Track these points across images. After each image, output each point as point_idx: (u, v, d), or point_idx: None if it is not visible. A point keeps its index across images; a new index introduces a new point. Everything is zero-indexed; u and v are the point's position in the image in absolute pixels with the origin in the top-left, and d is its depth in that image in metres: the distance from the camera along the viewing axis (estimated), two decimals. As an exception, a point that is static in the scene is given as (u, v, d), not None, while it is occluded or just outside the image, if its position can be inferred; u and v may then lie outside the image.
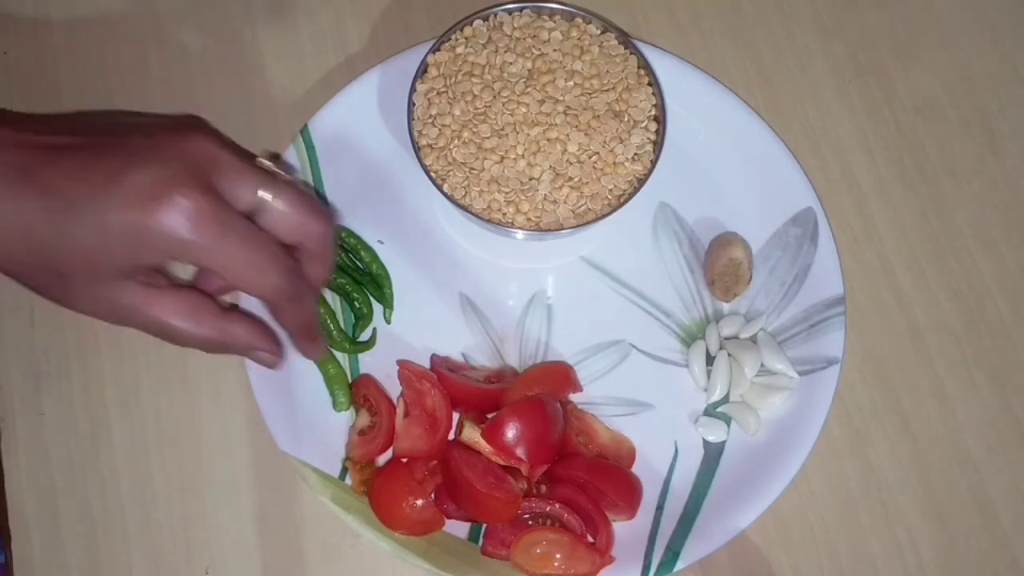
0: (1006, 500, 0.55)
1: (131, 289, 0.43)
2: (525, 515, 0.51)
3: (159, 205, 0.41)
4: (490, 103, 0.56)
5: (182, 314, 0.44)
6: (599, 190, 0.55)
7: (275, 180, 0.45)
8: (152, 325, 0.45)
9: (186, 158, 0.42)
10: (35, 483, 0.54)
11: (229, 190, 0.43)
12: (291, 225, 0.45)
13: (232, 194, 0.43)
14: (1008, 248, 0.60)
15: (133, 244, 0.41)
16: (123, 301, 0.44)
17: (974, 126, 0.63)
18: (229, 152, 0.44)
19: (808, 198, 0.58)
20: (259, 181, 0.44)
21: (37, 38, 0.63)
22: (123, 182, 0.41)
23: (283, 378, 0.54)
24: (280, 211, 0.44)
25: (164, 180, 0.41)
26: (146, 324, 0.45)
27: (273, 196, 0.44)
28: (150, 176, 0.41)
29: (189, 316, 0.45)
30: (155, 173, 0.41)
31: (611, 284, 0.59)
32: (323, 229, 0.46)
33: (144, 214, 0.41)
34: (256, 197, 0.44)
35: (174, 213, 0.41)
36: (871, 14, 0.66)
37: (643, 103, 0.57)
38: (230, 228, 0.42)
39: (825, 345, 0.56)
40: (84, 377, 0.56)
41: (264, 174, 0.44)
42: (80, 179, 0.41)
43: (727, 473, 0.54)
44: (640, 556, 0.52)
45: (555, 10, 0.59)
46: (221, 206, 0.42)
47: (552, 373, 0.56)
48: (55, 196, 0.41)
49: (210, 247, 0.42)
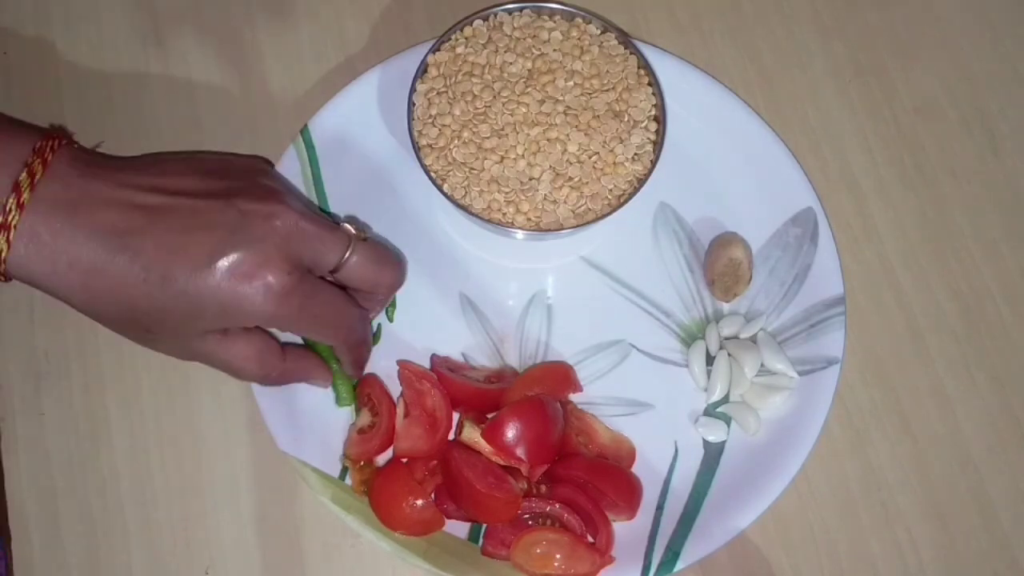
0: (1006, 500, 0.55)
1: (209, 339, 0.48)
2: (525, 515, 0.51)
3: (250, 285, 0.45)
4: (490, 103, 0.56)
5: (251, 359, 0.49)
6: (599, 190, 0.55)
7: (353, 239, 0.49)
8: (222, 365, 0.49)
9: (276, 237, 0.46)
10: (35, 483, 0.54)
11: (314, 259, 0.48)
12: (366, 279, 0.51)
13: (317, 262, 0.48)
14: (1008, 248, 0.60)
15: (223, 315, 0.46)
16: (201, 349, 0.48)
17: (974, 126, 0.63)
18: (312, 222, 0.48)
19: (808, 198, 0.58)
20: (339, 245, 0.49)
21: (37, 38, 0.63)
22: (217, 262, 0.45)
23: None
24: (358, 268, 0.50)
25: (256, 262, 0.45)
26: (217, 364, 0.50)
27: (352, 255, 0.49)
28: (242, 258, 0.45)
29: (255, 359, 0.49)
30: (247, 255, 0.45)
31: (611, 284, 0.59)
32: (393, 280, 0.52)
33: (236, 293, 0.45)
34: (339, 260, 0.49)
35: (263, 292, 0.46)
36: (871, 14, 0.66)
37: (643, 103, 0.57)
38: (312, 299, 0.48)
39: (825, 345, 0.56)
40: (84, 377, 0.56)
41: (343, 235, 0.49)
42: (176, 253, 0.45)
43: (727, 473, 0.54)
44: (640, 556, 0.52)
45: (555, 10, 0.59)
46: (305, 281, 0.47)
47: (552, 373, 0.56)
48: (152, 269, 0.45)
49: (292, 319, 0.47)
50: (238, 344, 0.49)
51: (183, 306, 0.45)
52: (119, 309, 0.46)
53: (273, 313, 0.46)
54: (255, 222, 0.46)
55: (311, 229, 0.48)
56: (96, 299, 0.45)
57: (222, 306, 0.45)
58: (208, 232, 0.45)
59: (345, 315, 0.50)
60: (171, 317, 0.46)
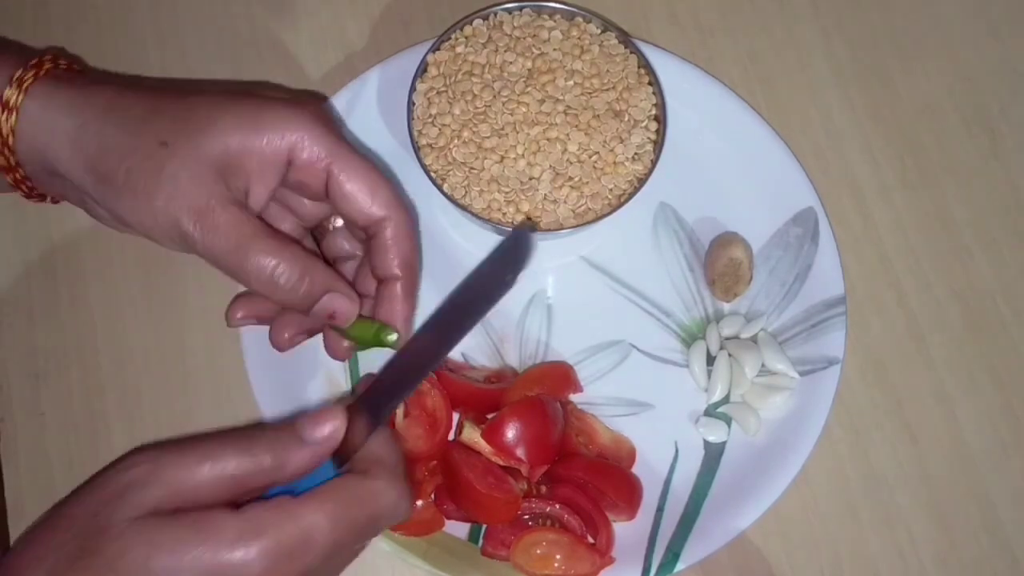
0: (1006, 500, 0.55)
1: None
2: (525, 515, 0.51)
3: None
4: (490, 103, 0.56)
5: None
6: (599, 190, 0.55)
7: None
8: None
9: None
10: (35, 483, 0.54)
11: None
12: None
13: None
14: (1008, 248, 0.60)
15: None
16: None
17: (975, 126, 0.63)
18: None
19: (809, 198, 0.58)
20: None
21: (37, 38, 0.63)
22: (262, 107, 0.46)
23: (283, 378, 0.54)
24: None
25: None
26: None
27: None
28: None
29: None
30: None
31: (611, 284, 0.59)
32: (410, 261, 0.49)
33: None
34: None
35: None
36: (872, 14, 0.66)
37: (643, 103, 0.57)
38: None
39: (826, 345, 0.55)
40: (84, 377, 0.56)
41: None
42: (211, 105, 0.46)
43: (727, 473, 0.54)
44: (640, 557, 0.52)
45: (555, 9, 0.59)
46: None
47: (552, 373, 0.56)
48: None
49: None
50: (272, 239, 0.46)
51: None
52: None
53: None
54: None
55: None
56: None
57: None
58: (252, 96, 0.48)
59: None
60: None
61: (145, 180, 0.44)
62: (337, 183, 0.47)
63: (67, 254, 0.59)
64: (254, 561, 0.36)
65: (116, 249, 0.59)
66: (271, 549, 0.36)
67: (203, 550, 0.36)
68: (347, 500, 0.38)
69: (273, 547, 0.36)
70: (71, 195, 0.49)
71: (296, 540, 0.37)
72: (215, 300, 0.57)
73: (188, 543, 0.36)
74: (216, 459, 0.38)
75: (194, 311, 0.58)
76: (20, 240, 0.59)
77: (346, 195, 0.47)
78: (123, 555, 0.36)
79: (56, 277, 0.58)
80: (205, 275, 0.58)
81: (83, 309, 0.57)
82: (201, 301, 0.58)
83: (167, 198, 0.44)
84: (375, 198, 0.47)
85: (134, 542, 0.36)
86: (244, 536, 0.36)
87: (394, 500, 0.40)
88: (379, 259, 0.48)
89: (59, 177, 0.47)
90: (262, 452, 0.39)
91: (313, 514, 0.37)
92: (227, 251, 0.45)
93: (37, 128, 0.46)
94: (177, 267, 0.58)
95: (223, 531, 0.36)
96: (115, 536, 0.36)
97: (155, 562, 0.35)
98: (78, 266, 0.58)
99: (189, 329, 0.57)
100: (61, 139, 0.46)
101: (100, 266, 0.58)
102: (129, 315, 0.58)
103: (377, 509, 0.39)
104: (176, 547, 0.36)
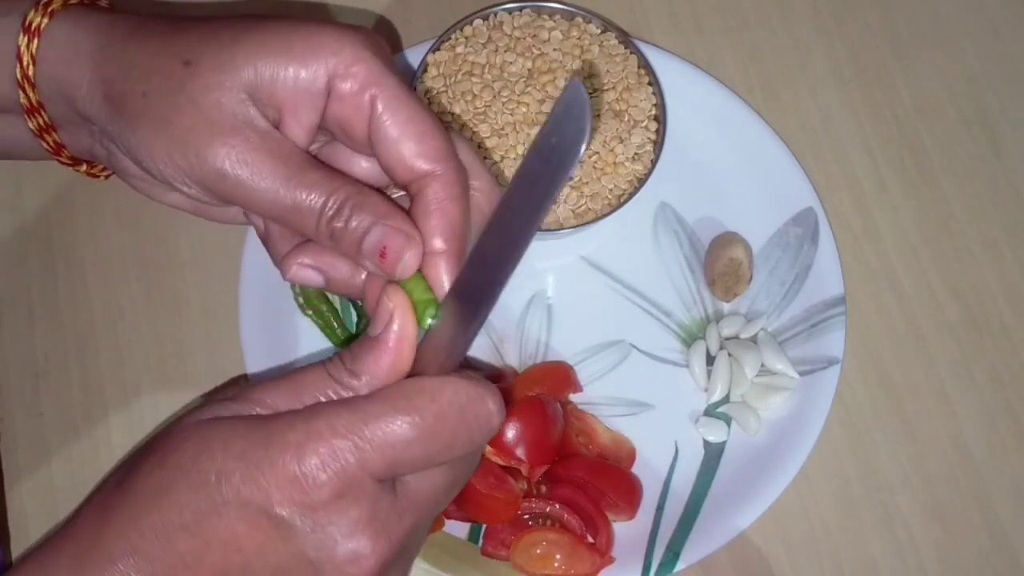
0: (1006, 500, 0.55)
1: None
2: (525, 515, 0.51)
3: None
4: (490, 103, 0.56)
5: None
6: (599, 190, 0.55)
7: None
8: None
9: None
10: (35, 483, 0.54)
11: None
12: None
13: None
14: (1008, 248, 0.60)
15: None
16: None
17: (975, 126, 0.63)
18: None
19: (808, 198, 0.58)
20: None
21: None
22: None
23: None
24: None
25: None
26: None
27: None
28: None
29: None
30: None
31: (611, 284, 0.59)
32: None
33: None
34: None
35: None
36: (872, 14, 0.66)
37: (643, 103, 0.57)
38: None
39: (825, 345, 0.55)
40: (84, 377, 0.56)
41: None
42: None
43: (727, 473, 0.54)
44: (640, 556, 0.52)
45: (555, 9, 0.59)
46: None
47: (552, 373, 0.56)
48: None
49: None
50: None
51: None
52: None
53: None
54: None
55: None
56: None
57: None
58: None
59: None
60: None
61: (162, 103, 0.38)
62: (379, 122, 0.38)
63: (67, 254, 0.59)
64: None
65: (116, 249, 0.59)
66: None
67: (272, 451, 0.33)
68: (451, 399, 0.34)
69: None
70: (95, 145, 0.44)
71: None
72: (215, 300, 0.58)
73: (258, 444, 0.33)
74: (296, 381, 0.35)
75: (194, 311, 0.58)
76: (20, 239, 0.59)
77: (388, 139, 0.38)
78: (178, 450, 0.33)
79: (56, 277, 0.58)
80: (205, 275, 0.58)
81: (83, 309, 0.58)
82: (201, 301, 0.58)
83: (188, 124, 0.38)
84: (422, 146, 0.38)
85: (192, 437, 0.33)
86: (310, 439, 0.33)
87: (495, 404, 0.35)
88: (420, 224, 0.38)
89: (81, 120, 0.42)
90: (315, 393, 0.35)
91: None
92: (266, 187, 0.37)
93: (59, 53, 0.41)
94: (177, 267, 0.58)
95: (286, 434, 0.33)
96: (177, 433, 0.34)
97: (211, 463, 0.33)
98: (78, 266, 0.58)
99: (189, 329, 0.57)
100: (82, 64, 0.40)
101: (100, 266, 0.58)
102: (129, 315, 0.58)
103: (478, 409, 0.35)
104: (238, 447, 0.33)
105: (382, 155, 0.39)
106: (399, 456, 0.34)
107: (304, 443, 0.33)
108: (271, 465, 0.33)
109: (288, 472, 0.33)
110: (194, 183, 0.39)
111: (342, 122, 0.39)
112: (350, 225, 0.38)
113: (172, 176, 0.39)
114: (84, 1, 0.44)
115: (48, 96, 0.42)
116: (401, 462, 0.34)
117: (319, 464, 0.33)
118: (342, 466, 0.33)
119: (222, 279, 0.57)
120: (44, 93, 0.42)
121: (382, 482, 0.34)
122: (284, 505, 0.33)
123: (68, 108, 0.42)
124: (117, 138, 0.40)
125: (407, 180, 0.39)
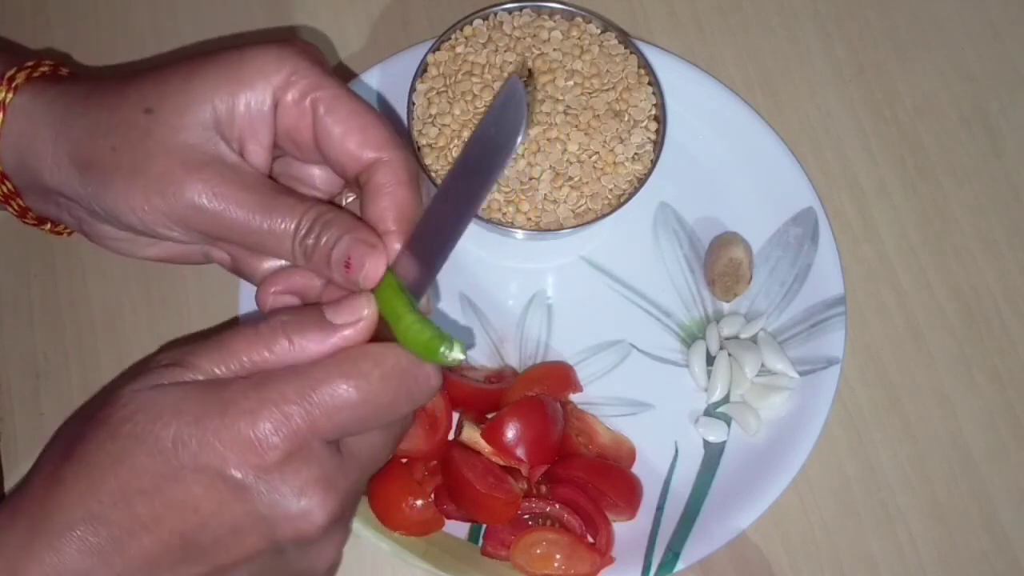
0: (1006, 500, 0.55)
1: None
2: (525, 515, 0.51)
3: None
4: (490, 103, 0.56)
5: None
6: (599, 190, 0.55)
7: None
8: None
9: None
10: (35, 483, 0.54)
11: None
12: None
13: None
14: (1008, 248, 0.60)
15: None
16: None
17: (975, 126, 0.63)
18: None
19: (808, 198, 0.58)
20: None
21: (37, 38, 0.63)
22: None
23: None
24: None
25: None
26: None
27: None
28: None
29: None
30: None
31: (611, 284, 0.59)
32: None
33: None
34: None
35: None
36: (872, 14, 0.66)
37: (643, 102, 0.57)
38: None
39: (825, 345, 0.55)
40: (84, 377, 0.56)
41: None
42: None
43: (727, 473, 0.54)
44: (640, 556, 0.52)
45: (555, 9, 0.59)
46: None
47: (552, 373, 0.56)
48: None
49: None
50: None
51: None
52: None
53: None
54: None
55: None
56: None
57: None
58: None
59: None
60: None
61: (133, 153, 0.40)
62: (323, 123, 0.40)
63: (67, 254, 0.59)
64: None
65: (116, 249, 0.59)
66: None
67: (223, 420, 0.34)
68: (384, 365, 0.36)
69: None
70: (63, 214, 0.45)
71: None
72: (215, 300, 0.58)
73: (210, 411, 0.35)
74: (226, 345, 0.36)
75: (194, 311, 0.58)
76: (20, 240, 0.59)
77: (333, 136, 0.40)
78: (129, 420, 0.35)
79: (56, 277, 0.58)
80: (205, 275, 0.58)
81: (83, 309, 0.57)
82: (201, 301, 0.58)
83: (161, 168, 0.39)
84: (366, 137, 0.40)
85: (144, 407, 0.35)
86: (259, 407, 0.35)
87: (430, 371, 0.37)
88: (370, 210, 0.40)
89: (48, 192, 0.44)
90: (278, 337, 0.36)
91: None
92: (244, 216, 0.39)
93: (20, 127, 0.42)
94: (177, 267, 0.58)
95: (240, 402, 0.35)
96: (122, 404, 0.35)
97: (166, 431, 0.34)
98: (78, 266, 0.58)
99: (189, 329, 0.57)
100: (44, 137, 0.42)
101: (100, 266, 0.58)
102: (129, 315, 0.58)
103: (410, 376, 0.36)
104: (192, 414, 0.34)
105: (330, 153, 0.41)
106: (346, 419, 0.36)
107: (257, 409, 0.35)
108: (227, 431, 0.34)
109: (243, 437, 0.34)
110: (175, 224, 0.40)
111: (290, 132, 0.41)
112: (320, 241, 0.39)
113: (153, 221, 0.40)
114: (46, 73, 0.45)
115: (12, 169, 0.44)
116: (347, 424, 0.36)
117: (271, 428, 0.35)
118: (293, 430, 0.35)
119: (222, 279, 0.57)
120: (8, 165, 0.44)
121: (329, 443, 0.36)
122: (239, 468, 0.35)
123: (33, 179, 0.43)
124: (92, 200, 0.41)
125: (356, 171, 0.41)
